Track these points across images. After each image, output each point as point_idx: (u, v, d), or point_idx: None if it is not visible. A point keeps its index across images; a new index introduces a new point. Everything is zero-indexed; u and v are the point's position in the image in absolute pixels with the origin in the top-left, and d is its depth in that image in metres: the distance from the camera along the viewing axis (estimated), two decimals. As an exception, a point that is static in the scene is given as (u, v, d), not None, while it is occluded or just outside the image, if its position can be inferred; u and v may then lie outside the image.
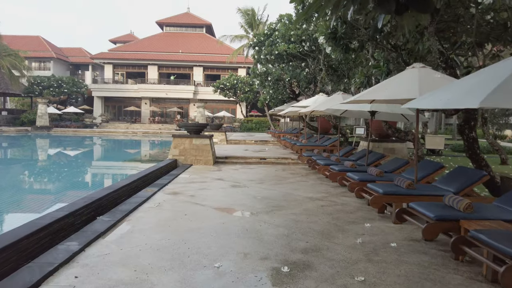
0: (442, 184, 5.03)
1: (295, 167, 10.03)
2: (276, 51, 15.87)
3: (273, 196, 6.03)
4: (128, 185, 5.96)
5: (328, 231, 4.12)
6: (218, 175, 8.26)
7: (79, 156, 17.28)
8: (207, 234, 3.90)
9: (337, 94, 9.25)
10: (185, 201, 5.48)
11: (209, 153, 9.88)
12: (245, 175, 8.29)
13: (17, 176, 11.01)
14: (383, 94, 4.66)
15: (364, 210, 5.20)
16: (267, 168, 9.71)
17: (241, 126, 34.72)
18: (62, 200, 7.50)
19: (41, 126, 29.94)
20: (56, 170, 12.51)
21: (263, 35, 17.73)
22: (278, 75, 15.71)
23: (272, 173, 8.83)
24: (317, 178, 8.11)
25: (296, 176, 8.32)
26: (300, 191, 6.52)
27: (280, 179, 7.81)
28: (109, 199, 5.20)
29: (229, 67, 41.05)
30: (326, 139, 12.60)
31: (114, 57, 43.57)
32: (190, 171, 8.76)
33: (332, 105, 7.68)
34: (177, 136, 9.93)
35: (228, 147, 15.12)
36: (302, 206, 5.34)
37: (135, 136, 29.70)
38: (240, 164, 10.53)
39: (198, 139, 9.92)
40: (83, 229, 3.96)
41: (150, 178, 7.19)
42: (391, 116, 7.95)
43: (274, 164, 10.66)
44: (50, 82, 37.49)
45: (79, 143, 23.67)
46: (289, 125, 24.10)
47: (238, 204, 5.34)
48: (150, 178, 7.16)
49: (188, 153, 9.86)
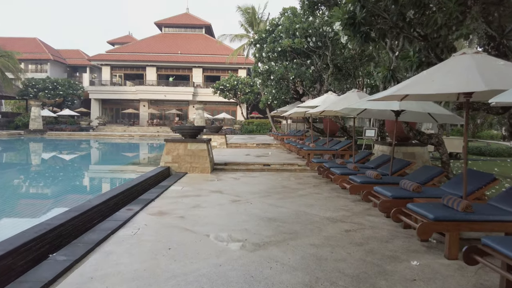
0: (500, 203, 3.89)
1: (303, 175, 8.88)
2: (279, 48, 14.77)
3: (283, 216, 4.88)
4: (104, 203, 4.82)
5: (365, 276, 2.97)
6: (216, 186, 7.12)
7: (67, 162, 16.15)
8: (195, 286, 2.75)
9: (352, 92, 8.12)
10: (171, 226, 4.34)
11: (206, 160, 8.74)
12: (247, 186, 7.14)
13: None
14: (431, 87, 3.52)
15: (401, 237, 4.05)
16: (271, 176, 8.57)
17: (242, 128, 33.60)
18: (38, 211, 6.36)
19: (34, 129, 28.84)
20: (40, 176, 11.40)
21: (265, 31, 16.64)
22: (281, 74, 14.57)
23: (278, 182, 7.68)
24: (331, 189, 6.96)
25: (306, 187, 7.17)
26: (315, 208, 5.37)
27: (289, 191, 6.66)
28: (75, 224, 4.06)
29: (229, 68, 39.99)
30: (336, 143, 11.45)
31: (111, 58, 42.59)
32: (183, 181, 7.61)
33: (349, 104, 6.54)
34: (170, 141, 8.79)
35: (228, 151, 13.99)
36: (321, 231, 4.19)
37: (132, 139, 28.60)
38: (241, 171, 9.39)
39: (194, 143, 8.79)
40: (23, 277, 2.82)
41: (135, 191, 6.04)
42: (417, 116, 6.81)
43: (280, 171, 9.52)
44: (45, 84, 36.42)
45: (72, 147, 22.55)
46: (292, 127, 22.96)
47: (239, 230, 4.19)
48: (134, 192, 6.01)
49: (183, 160, 8.72)
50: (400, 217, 4.15)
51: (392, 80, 6.12)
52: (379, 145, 9.94)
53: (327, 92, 10.95)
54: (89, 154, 20.18)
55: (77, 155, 18.86)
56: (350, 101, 7.51)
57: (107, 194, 5.13)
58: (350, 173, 6.42)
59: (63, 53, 51.98)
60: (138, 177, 6.81)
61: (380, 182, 5.53)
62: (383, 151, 9.58)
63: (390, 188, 4.79)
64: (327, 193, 6.55)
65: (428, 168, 5.97)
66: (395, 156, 7.86)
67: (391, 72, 6.09)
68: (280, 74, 14.64)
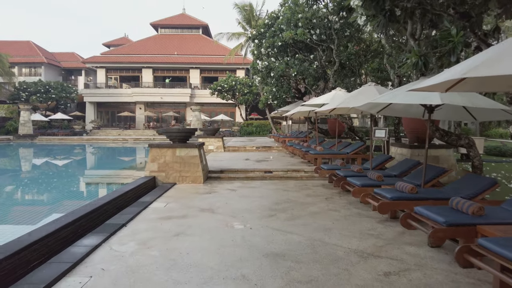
0: None
1: (311, 184, 7.62)
2: (279, 42, 13.54)
3: (294, 248, 3.62)
4: (51, 235, 3.55)
5: None
6: (207, 201, 5.86)
7: (47, 169, 14.89)
8: None
9: (369, 86, 6.91)
10: (138, 271, 3.08)
11: (197, 168, 7.49)
12: (246, 201, 5.88)
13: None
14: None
15: (465, 285, 2.80)
16: (274, 186, 7.31)
17: (241, 130, 32.38)
18: None
19: (24, 134, 27.55)
20: (18, 185, 10.15)
21: (264, 25, 15.41)
22: (282, 70, 13.33)
23: (283, 195, 6.42)
24: (348, 202, 5.71)
25: (317, 200, 5.92)
26: (335, 233, 4.12)
27: (298, 207, 5.41)
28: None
29: (227, 68, 38.81)
30: (345, 145, 10.21)
31: (106, 60, 41.45)
32: (170, 194, 6.36)
33: (370, 99, 5.30)
34: (155, 146, 7.54)
35: (226, 156, 12.74)
36: (352, 277, 2.93)
37: (126, 143, 27.33)
38: (239, 180, 8.13)
39: (184, 149, 7.53)
40: None
41: (104, 212, 4.79)
42: (452, 113, 5.58)
43: (284, 179, 8.27)
44: (37, 87, 35.17)
45: (60, 152, 21.28)
46: (293, 128, 21.69)
47: (233, 278, 2.94)
48: (103, 213, 4.75)
49: (170, 168, 7.47)
50: (469, 259, 2.87)
51: (425, 67, 4.88)
52: (397, 147, 8.69)
53: (335, 89, 9.74)
54: (74, 161, 18.91)
55: (62, 162, 17.58)
56: (369, 96, 6.30)
57: (59, 221, 3.86)
58: (374, 185, 5.17)
59: (58, 56, 50.86)
60: (111, 193, 5.53)
61: (417, 197, 4.28)
62: (402, 154, 8.33)
63: (441, 210, 3.53)
64: (345, 209, 5.30)
65: (474, 178, 4.72)
66: (417, 160, 6.62)
67: (423, 59, 4.85)
68: (280, 71, 13.39)
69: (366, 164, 7.65)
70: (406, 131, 8.56)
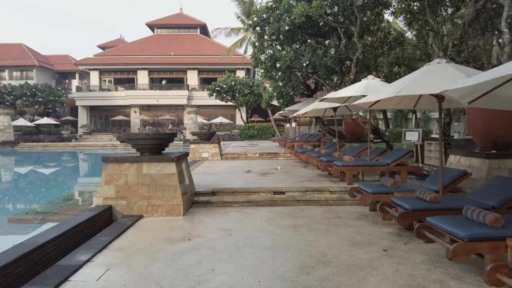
0: None
1: (344, 213, 5.11)
2: (286, 27, 11.09)
3: None
4: None
5: None
6: (182, 262, 3.34)
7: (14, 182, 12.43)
8: None
9: (438, 63, 4.40)
10: None
11: (175, 192, 4.98)
12: (249, 262, 3.37)
13: None
14: None
15: None
16: (292, 220, 4.80)
17: (241, 134, 29.94)
18: None
19: (3, 141, 25.12)
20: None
21: (266, 9, 12.94)
22: (290, 60, 10.86)
23: (310, 242, 3.90)
24: (429, 258, 3.20)
25: (374, 256, 3.39)
26: None
27: (345, 276, 2.90)
28: None
29: (227, 69, 36.42)
30: (379, 152, 7.68)
31: (100, 62, 39.20)
32: (123, 244, 3.85)
33: (448, 84, 2.80)
34: (111, 161, 5.03)
35: (222, 166, 10.24)
36: None
37: (116, 149, 24.89)
38: (237, 206, 5.63)
39: (155, 163, 5.04)
40: None
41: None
42: None
43: (302, 205, 5.75)
44: (23, 90, 32.85)
45: (38, 161, 18.85)
46: (297, 130, 19.15)
47: None
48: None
49: (135, 193, 4.97)
50: None
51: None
52: (460, 157, 6.16)
53: (366, 78, 7.27)
54: (61, 170, 16.45)
55: (38, 174, 15.09)
56: (444, 78, 3.86)
57: None
58: (489, 237, 2.65)
59: (51, 58, 48.80)
60: (13, 249, 3.03)
61: None
62: (471, 166, 5.80)
63: None
64: (428, 272, 2.78)
65: None
66: (493, 175, 4.11)
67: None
68: (288, 61, 10.91)
69: (425, 182, 5.13)
70: (474, 133, 6.03)
